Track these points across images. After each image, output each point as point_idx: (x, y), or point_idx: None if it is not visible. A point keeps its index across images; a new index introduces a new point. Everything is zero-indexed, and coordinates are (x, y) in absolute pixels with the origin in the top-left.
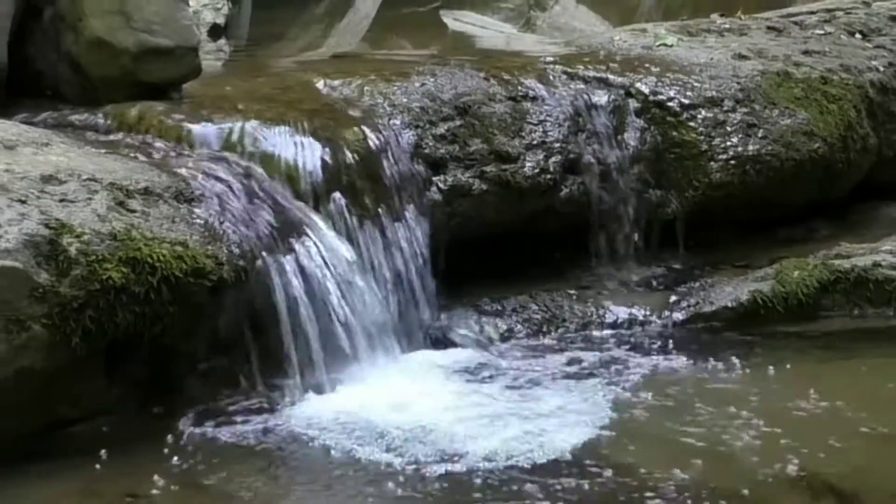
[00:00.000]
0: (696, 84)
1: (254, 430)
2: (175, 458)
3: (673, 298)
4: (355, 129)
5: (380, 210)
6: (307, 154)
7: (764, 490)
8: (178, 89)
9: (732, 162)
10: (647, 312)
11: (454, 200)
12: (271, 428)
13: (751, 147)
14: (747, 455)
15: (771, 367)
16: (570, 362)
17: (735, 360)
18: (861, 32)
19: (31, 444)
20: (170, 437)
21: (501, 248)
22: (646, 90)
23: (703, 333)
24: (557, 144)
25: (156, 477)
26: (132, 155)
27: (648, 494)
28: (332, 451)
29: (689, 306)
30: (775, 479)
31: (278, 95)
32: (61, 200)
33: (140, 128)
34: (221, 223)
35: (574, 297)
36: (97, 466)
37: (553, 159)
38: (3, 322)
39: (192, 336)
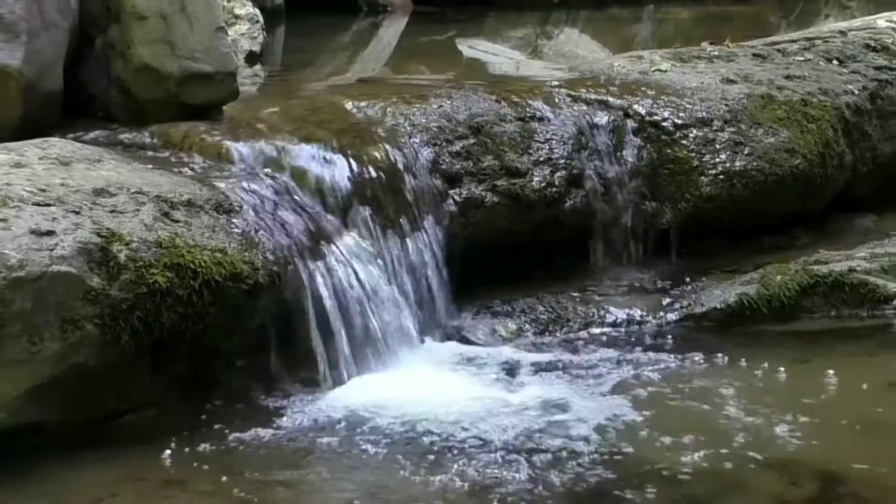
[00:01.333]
0: (687, 106)
1: (286, 420)
2: (213, 446)
3: (667, 300)
4: (379, 146)
5: (401, 220)
6: (335, 169)
7: (747, 473)
8: (218, 111)
9: (721, 177)
10: (644, 313)
11: (468, 211)
12: (302, 417)
13: (738, 163)
14: (732, 440)
15: (755, 363)
16: (573, 358)
17: (723, 355)
18: (838, 59)
19: (84, 434)
20: (209, 428)
21: (511, 254)
22: (642, 111)
23: (695, 332)
24: (562, 161)
25: (195, 464)
26: (176, 170)
27: (637, 469)
28: (359, 436)
29: (681, 307)
30: (758, 463)
31: (309, 116)
32: (112, 211)
33: (183, 145)
34: (257, 232)
35: (577, 299)
36: (143, 454)
37: (558, 174)
38: (59, 322)
39: (230, 334)
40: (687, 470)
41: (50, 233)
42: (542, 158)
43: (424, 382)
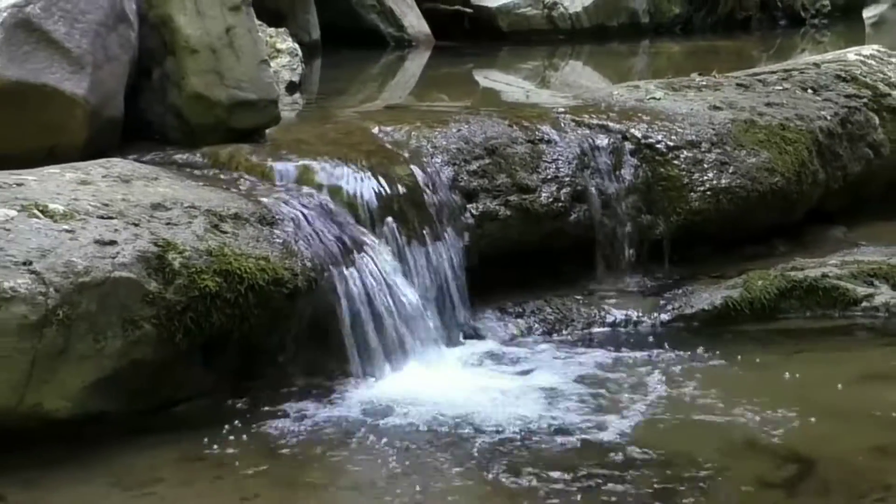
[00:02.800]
0: (679, 130)
1: (323, 409)
2: (258, 432)
3: (660, 303)
4: (404, 166)
5: (424, 231)
6: (365, 186)
7: (732, 456)
8: (261, 134)
9: (708, 193)
10: (640, 314)
11: (484, 224)
12: (337, 407)
13: (723, 181)
14: (718, 427)
15: (739, 358)
16: (577, 353)
17: (710, 351)
18: (812, 88)
19: (143, 421)
20: (254, 416)
21: (522, 261)
22: (639, 134)
23: (685, 331)
24: (567, 179)
25: (242, 447)
26: (224, 187)
27: (631, 452)
28: (388, 425)
29: (673, 309)
30: (742, 447)
31: (342, 139)
32: (167, 224)
33: (231, 165)
34: (296, 242)
35: (581, 302)
36: (195, 439)
37: (564, 190)
38: (120, 322)
39: (273, 333)
40: (677, 453)
41: (112, 242)
42: (549, 176)
43: (447, 375)
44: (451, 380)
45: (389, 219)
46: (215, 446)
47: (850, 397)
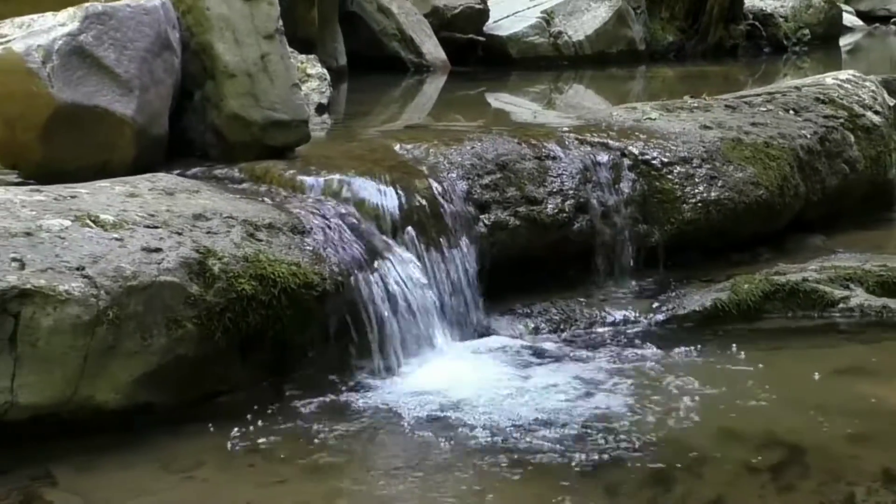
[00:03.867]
0: (672, 147)
1: (349, 399)
2: (290, 421)
3: (655, 304)
4: (423, 179)
5: (441, 239)
6: (388, 198)
7: (720, 444)
8: (293, 151)
9: (699, 204)
10: (637, 314)
11: (495, 232)
12: (361, 399)
13: (713, 193)
14: (707, 416)
15: (726, 354)
16: (580, 349)
17: (700, 348)
18: (794, 109)
19: (185, 411)
20: (286, 407)
21: (530, 267)
22: (636, 151)
23: (678, 330)
24: (571, 191)
25: (275, 435)
26: (259, 199)
27: (626, 438)
28: (411, 413)
29: (667, 310)
30: (729, 435)
31: (366, 155)
32: (207, 232)
33: (265, 179)
34: (325, 249)
35: (583, 303)
36: (233, 428)
37: (568, 202)
38: (165, 322)
39: (303, 331)
40: (669, 440)
41: (158, 249)
42: (554, 190)
43: (462, 369)
44: (465, 373)
45: (409, 228)
46: (251, 434)
47: (827, 389)
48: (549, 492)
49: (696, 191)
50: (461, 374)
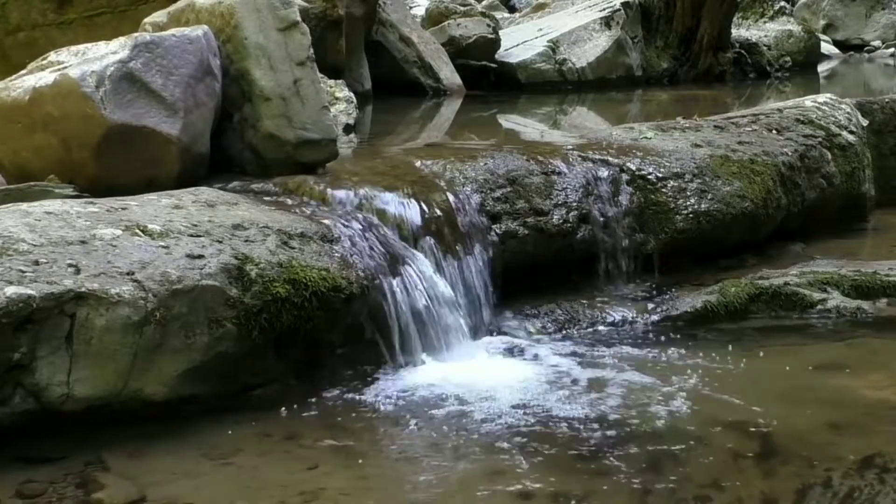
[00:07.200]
0: (666, 163)
1: (375, 392)
2: (321, 411)
3: (651, 306)
4: (440, 193)
5: (457, 247)
6: (409, 210)
7: (709, 432)
8: (323, 167)
9: (691, 215)
10: (634, 315)
11: (506, 241)
12: (386, 390)
13: (703, 206)
14: (698, 407)
15: (715, 352)
16: (583, 347)
17: (691, 346)
18: (776, 129)
19: (225, 403)
20: (317, 398)
21: (537, 272)
22: (633, 167)
23: (671, 329)
24: (575, 204)
25: (307, 424)
26: (293, 210)
27: (623, 428)
28: (431, 404)
29: (662, 311)
30: (717, 424)
31: (389, 171)
32: (245, 241)
33: (298, 192)
34: (352, 256)
35: (586, 305)
36: (269, 418)
37: (572, 214)
38: (207, 322)
39: (332, 330)
40: (661, 430)
41: (200, 256)
42: (560, 202)
43: (476, 365)
44: (479, 368)
45: (428, 237)
46: (285, 423)
47: (806, 383)
48: (556, 475)
49: (688, 203)
50: (476, 369)
